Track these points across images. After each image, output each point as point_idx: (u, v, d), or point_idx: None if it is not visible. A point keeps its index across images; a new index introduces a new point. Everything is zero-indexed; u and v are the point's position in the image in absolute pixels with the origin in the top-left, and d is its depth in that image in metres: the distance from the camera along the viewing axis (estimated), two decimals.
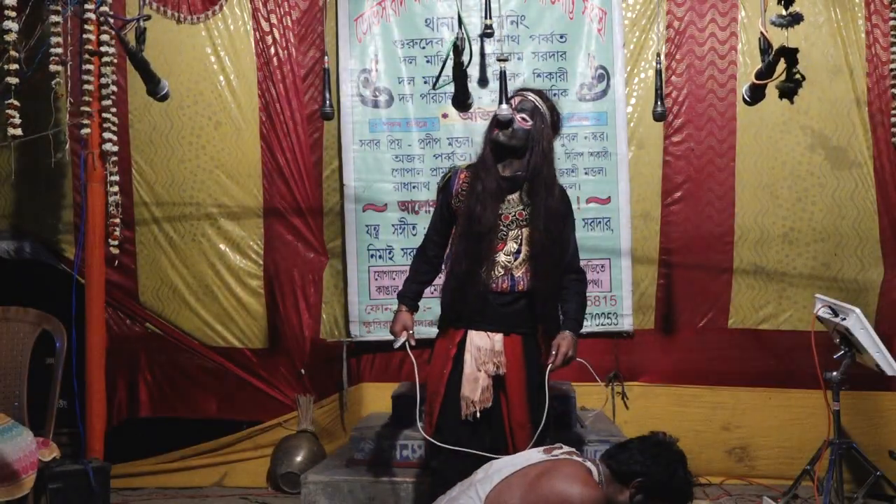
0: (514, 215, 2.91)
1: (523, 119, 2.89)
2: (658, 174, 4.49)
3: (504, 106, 3.37)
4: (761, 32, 2.97)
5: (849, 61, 4.34)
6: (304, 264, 4.57)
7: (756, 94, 3.16)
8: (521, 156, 2.90)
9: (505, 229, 2.90)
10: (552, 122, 2.97)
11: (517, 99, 2.96)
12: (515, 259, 2.89)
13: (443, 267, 3.09)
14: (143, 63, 3.22)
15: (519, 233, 2.90)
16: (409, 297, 3.07)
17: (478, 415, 2.85)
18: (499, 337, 2.89)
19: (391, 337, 3.00)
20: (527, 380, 2.87)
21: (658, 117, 3.88)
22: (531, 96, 2.95)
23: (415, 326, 3.05)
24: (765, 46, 3.01)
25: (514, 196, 2.92)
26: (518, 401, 2.87)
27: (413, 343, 2.99)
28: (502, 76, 3.64)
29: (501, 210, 2.90)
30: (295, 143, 4.52)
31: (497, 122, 2.89)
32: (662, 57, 4.23)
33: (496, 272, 2.88)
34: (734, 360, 4.44)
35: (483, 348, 2.88)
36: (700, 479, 4.35)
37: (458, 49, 3.42)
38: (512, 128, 2.87)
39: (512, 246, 2.90)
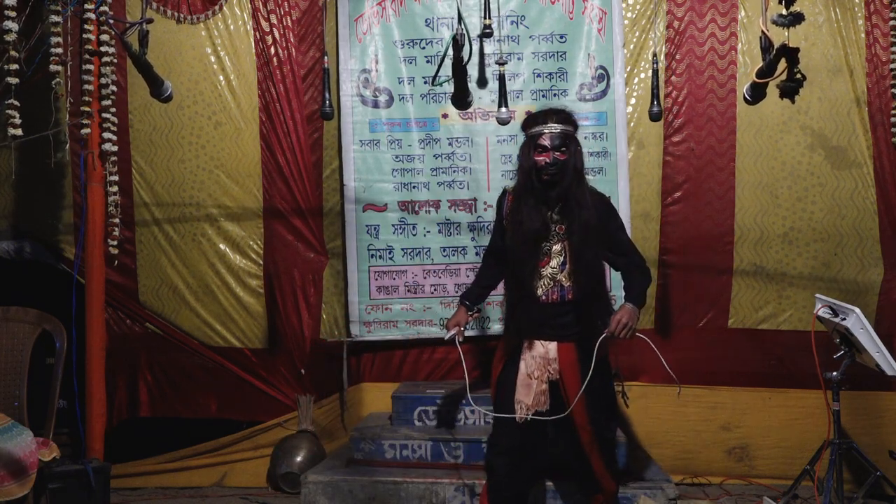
0: (556, 230, 3.05)
1: (562, 153, 2.99)
2: (658, 174, 4.49)
3: (504, 109, 3.39)
4: (762, 31, 2.97)
5: (849, 61, 4.34)
6: (304, 264, 4.57)
7: (757, 93, 3.16)
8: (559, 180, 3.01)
9: (549, 244, 3.05)
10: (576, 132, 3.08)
11: (546, 137, 2.99)
12: (562, 271, 3.04)
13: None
14: (146, 66, 3.23)
15: (562, 246, 3.04)
16: (470, 299, 3.29)
17: (528, 418, 3.00)
18: (553, 345, 3.06)
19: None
20: (583, 383, 2.98)
21: (654, 117, 3.88)
22: (556, 128, 3.00)
23: (468, 324, 3.28)
24: (766, 45, 3.01)
25: (554, 213, 3.05)
26: (577, 405, 2.99)
27: (461, 339, 3.20)
28: (502, 79, 3.64)
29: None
30: (295, 143, 4.52)
31: (537, 150, 3.00)
32: (661, 57, 4.23)
33: (545, 285, 3.04)
34: (734, 360, 4.44)
35: (537, 356, 3.06)
36: (700, 479, 4.37)
37: (457, 44, 3.40)
38: (556, 166, 2.97)
39: (557, 259, 3.05)
